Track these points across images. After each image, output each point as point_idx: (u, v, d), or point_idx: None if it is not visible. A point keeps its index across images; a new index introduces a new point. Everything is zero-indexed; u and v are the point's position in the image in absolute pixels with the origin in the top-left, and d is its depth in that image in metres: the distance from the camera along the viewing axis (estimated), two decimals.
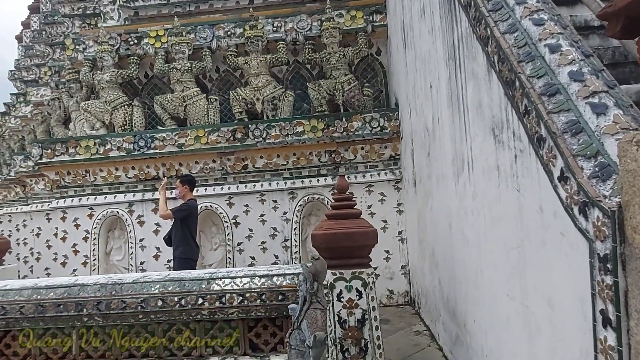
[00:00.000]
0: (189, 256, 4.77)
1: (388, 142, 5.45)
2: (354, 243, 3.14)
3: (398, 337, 4.13)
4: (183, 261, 4.71)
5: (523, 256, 1.93)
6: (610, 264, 1.29)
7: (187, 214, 4.76)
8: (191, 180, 5.02)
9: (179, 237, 4.75)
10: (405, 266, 5.34)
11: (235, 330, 3.35)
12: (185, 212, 4.76)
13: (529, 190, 1.84)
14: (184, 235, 4.75)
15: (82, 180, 5.79)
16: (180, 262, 4.73)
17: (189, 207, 4.79)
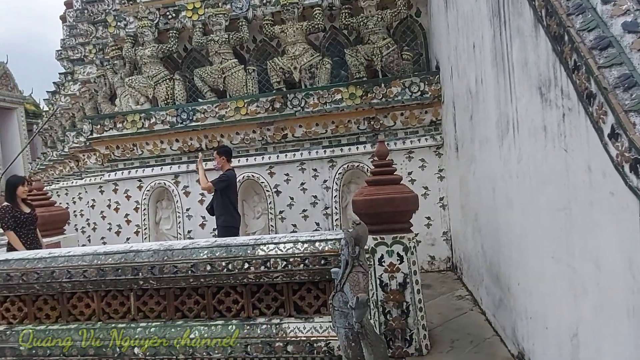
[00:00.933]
0: (231, 224, 4.93)
1: (429, 107, 5.33)
2: (395, 208, 3.15)
3: (440, 302, 4.17)
4: (225, 229, 4.87)
5: (570, 218, 1.88)
6: None
7: (226, 184, 4.89)
8: (228, 151, 5.12)
9: (220, 206, 4.90)
10: (446, 232, 5.30)
11: (280, 293, 3.50)
12: (225, 182, 4.89)
13: (577, 150, 1.78)
14: (225, 205, 4.90)
15: (130, 153, 6.06)
16: (223, 230, 4.89)
17: (227, 178, 4.92)
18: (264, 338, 3.35)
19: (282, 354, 3.30)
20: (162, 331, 3.55)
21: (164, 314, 3.67)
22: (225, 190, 4.90)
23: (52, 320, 3.81)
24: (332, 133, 5.57)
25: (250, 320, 3.48)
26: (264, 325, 3.41)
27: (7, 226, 4.65)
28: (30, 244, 4.77)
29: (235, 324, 3.46)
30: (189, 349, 3.44)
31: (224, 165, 5.02)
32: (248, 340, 3.37)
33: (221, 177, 4.94)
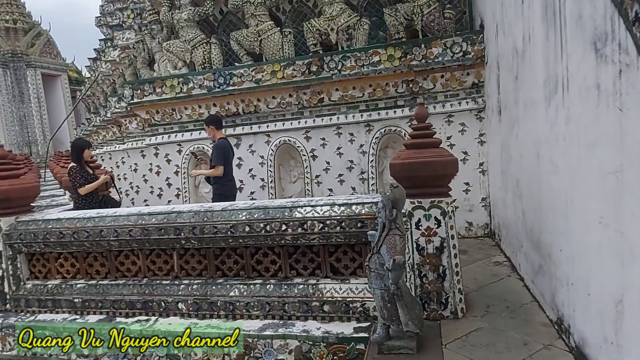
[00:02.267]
0: (222, 192, 4.87)
1: (470, 69, 5.12)
2: (433, 172, 3.10)
3: (476, 268, 4.13)
4: (218, 197, 4.83)
5: (621, 181, 1.79)
6: None
7: (224, 155, 4.83)
8: (215, 120, 5.05)
9: (213, 175, 4.90)
10: (485, 198, 5.19)
11: (316, 255, 3.56)
12: (221, 155, 4.83)
13: (634, 109, 1.67)
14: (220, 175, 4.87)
15: (169, 118, 6.19)
16: (216, 199, 4.84)
17: (220, 148, 4.86)
18: (301, 297, 3.45)
19: (319, 313, 3.40)
20: (203, 288, 3.71)
21: (205, 272, 3.83)
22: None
23: (102, 276, 4.06)
24: (369, 97, 5.47)
25: (288, 280, 3.58)
26: (301, 285, 3.50)
27: (79, 184, 4.94)
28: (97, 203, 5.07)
29: (273, 284, 3.58)
30: (229, 305, 3.60)
31: (215, 134, 4.99)
32: (286, 299, 3.48)
33: (215, 151, 4.88)
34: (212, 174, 4.94)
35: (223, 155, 4.87)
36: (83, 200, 4.98)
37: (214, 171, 4.89)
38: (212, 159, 4.95)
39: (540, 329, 2.83)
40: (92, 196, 5.01)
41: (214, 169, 4.90)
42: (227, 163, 4.97)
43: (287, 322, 3.44)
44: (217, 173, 4.88)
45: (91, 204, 4.98)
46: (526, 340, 2.71)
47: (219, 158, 4.85)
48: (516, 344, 2.68)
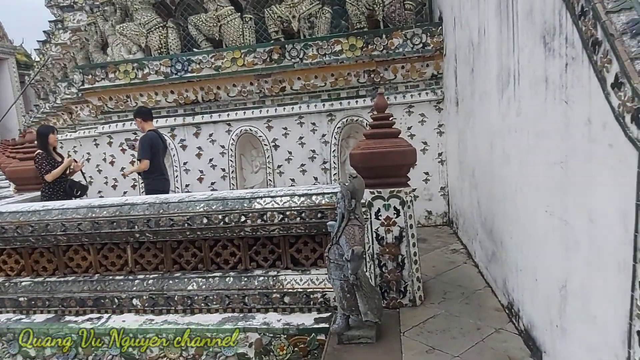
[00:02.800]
0: (154, 188, 4.66)
1: (430, 60, 5.18)
2: (392, 162, 3.12)
3: (434, 255, 4.23)
4: (149, 193, 4.64)
5: (566, 171, 1.86)
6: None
7: (149, 153, 4.63)
8: (142, 111, 4.87)
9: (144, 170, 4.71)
10: (444, 188, 5.31)
11: (277, 246, 3.54)
12: (147, 148, 4.63)
13: (578, 102, 1.72)
14: (150, 169, 4.69)
15: (124, 105, 5.95)
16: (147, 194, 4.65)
17: (146, 141, 4.66)
18: (262, 289, 3.42)
19: (280, 305, 3.39)
20: (159, 283, 3.62)
21: (162, 266, 3.73)
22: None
23: (49, 273, 3.88)
24: (331, 86, 5.45)
25: (248, 273, 3.54)
26: (261, 277, 3.47)
27: (45, 171, 4.74)
28: (63, 191, 4.84)
29: (233, 276, 3.53)
30: (187, 299, 3.52)
31: (143, 126, 4.81)
32: (246, 292, 3.44)
33: (141, 144, 4.66)
34: (140, 169, 4.71)
35: (150, 149, 4.64)
36: (50, 188, 4.78)
37: (140, 166, 4.66)
38: (138, 153, 4.72)
39: (492, 314, 2.93)
40: (59, 183, 4.82)
41: (138, 164, 4.67)
42: (156, 156, 4.72)
43: (247, 314, 3.41)
44: (142, 167, 4.65)
45: (58, 192, 4.79)
46: (479, 325, 2.80)
47: (144, 151, 4.63)
48: (470, 328, 2.76)
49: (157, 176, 4.76)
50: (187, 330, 3.31)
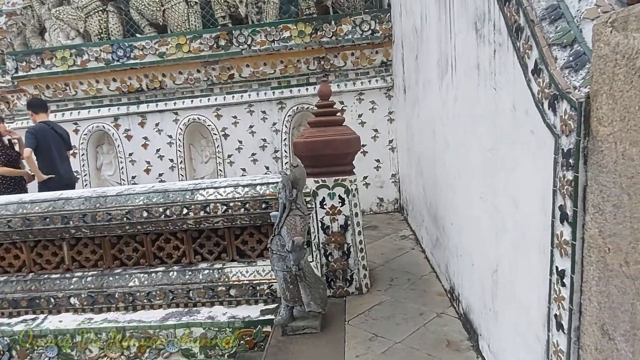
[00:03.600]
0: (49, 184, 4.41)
1: (379, 47, 5.17)
2: (335, 150, 3.08)
3: (384, 242, 4.26)
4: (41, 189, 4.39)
5: (496, 158, 1.87)
6: (573, 159, 1.23)
7: (34, 141, 4.38)
8: (33, 103, 4.64)
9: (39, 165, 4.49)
10: (395, 175, 5.35)
11: (222, 238, 3.44)
12: (31, 139, 4.36)
13: (505, 88, 1.73)
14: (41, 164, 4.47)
15: (62, 94, 5.62)
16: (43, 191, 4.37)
17: (32, 133, 4.40)
18: (206, 283, 3.33)
19: (225, 298, 3.31)
20: (99, 280, 3.45)
21: (101, 263, 3.55)
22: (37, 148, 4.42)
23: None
24: (281, 73, 5.34)
25: (192, 266, 3.43)
26: (206, 271, 3.37)
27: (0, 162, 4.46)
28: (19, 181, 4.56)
29: (177, 270, 3.42)
30: (128, 296, 3.38)
31: (34, 119, 4.58)
32: (190, 286, 3.34)
33: (26, 135, 4.40)
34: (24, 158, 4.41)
35: (35, 140, 4.36)
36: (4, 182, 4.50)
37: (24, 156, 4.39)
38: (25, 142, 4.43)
39: (435, 299, 2.98)
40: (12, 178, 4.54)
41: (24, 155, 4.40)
42: (46, 150, 4.44)
43: (192, 309, 3.31)
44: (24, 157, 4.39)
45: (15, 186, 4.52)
46: (422, 310, 2.84)
47: (28, 141, 4.34)
48: (413, 314, 2.79)
49: (49, 172, 4.45)
50: (128, 328, 3.19)
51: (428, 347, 2.39)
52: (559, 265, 1.35)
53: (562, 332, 1.35)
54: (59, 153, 4.50)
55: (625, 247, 1.05)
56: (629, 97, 1.00)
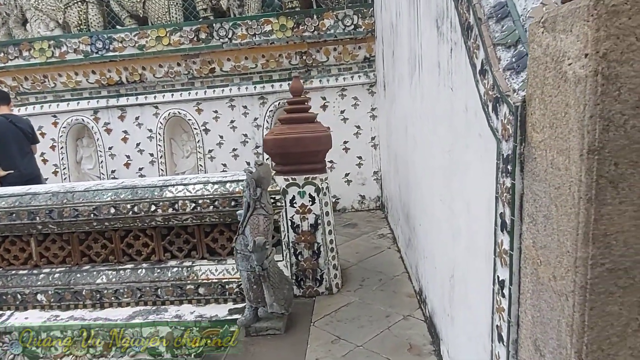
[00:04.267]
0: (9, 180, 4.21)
1: (362, 42, 5.09)
2: (305, 148, 3.02)
3: (361, 241, 4.21)
4: (5, 186, 4.14)
5: (452, 159, 1.82)
6: (510, 166, 1.17)
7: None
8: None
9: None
10: (377, 172, 5.30)
11: (191, 235, 3.39)
12: None
13: (459, 88, 1.67)
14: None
15: (41, 86, 5.52)
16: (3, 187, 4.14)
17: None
18: (175, 281, 3.27)
19: (194, 296, 3.26)
20: (66, 277, 3.39)
21: (69, 259, 3.49)
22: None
23: None
24: (262, 68, 5.26)
25: (162, 264, 3.37)
26: (175, 268, 3.32)
27: None
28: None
29: (146, 268, 3.36)
30: (96, 294, 3.33)
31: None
32: (158, 284, 3.28)
33: None
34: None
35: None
36: None
37: None
38: None
39: (404, 300, 2.93)
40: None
41: None
42: (4, 145, 4.23)
43: (160, 307, 3.26)
44: None
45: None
46: (389, 312, 2.79)
47: None
48: (379, 316, 2.75)
49: (6, 168, 4.24)
50: (94, 326, 3.13)
51: (389, 350, 2.35)
52: (500, 275, 1.30)
53: (502, 344, 1.30)
54: (18, 147, 4.35)
55: (553, 260, 0.99)
56: (557, 103, 0.94)
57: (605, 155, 0.83)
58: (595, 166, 0.84)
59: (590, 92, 0.82)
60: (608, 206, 0.85)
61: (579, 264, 0.88)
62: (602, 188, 0.84)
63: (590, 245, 0.87)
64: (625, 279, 0.87)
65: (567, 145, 0.90)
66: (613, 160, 0.83)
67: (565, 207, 0.92)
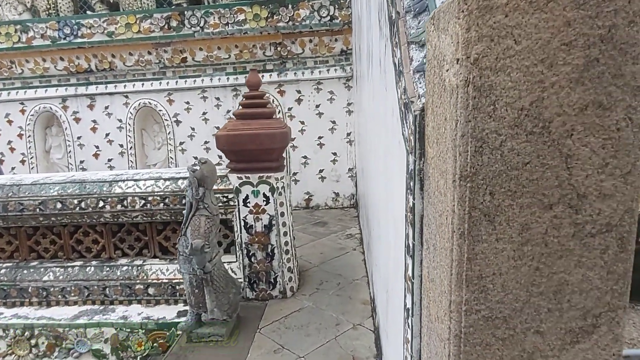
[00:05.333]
0: None
1: (339, 35, 4.92)
2: (260, 146, 2.87)
3: (327, 241, 4.08)
4: None
5: (387, 166, 1.68)
6: (412, 182, 1.03)
7: None
8: None
9: None
10: (352, 169, 5.15)
11: (143, 233, 3.25)
12: None
13: (390, 89, 1.52)
14: None
15: (8, 72, 5.33)
16: None
17: None
18: (124, 280, 3.14)
19: (143, 297, 3.13)
20: (13, 273, 3.25)
21: (17, 254, 3.35)
22: None
23: None
24: (236, 58, 5.08)
25: (112, 262, 3.24)
26: (125, 267, 3.18)
27: None
28: None
29: (95, 265, 3.22)
30: (42, 291, 3.19)
31: None
32: (107, 283, 3.15)
33: None
34: None
35: None
36: None
37: None
38: None
39: (358, 307, 2.81)
40: None
41: None
42: None
43: (108, 307, 3.13)
44: None
45: None
46: (340, 320, 2.67)
47: None
48: (329, 324, 2.62)
49: None
50: (37, 325, 3.00)
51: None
52: (407, 302, 1.16)
53: None
54: None
55: (436, 298, 0.86)
56: (440, 114, 0.80)
57: (478, 182, 0.69)
58: (467, 195, 0.70)
59: (461, 106, 0.68)
60: (483, 243, 0.71)
61: (453, 309, 0.75)
62: (475, 222, 0.70)
63: (463, 289, 0.73)
64: (504, 330, 0.74)
65: (445, 167, 0.76)
66: (488, 188, 0.69)
67: (443, 240, 0.79)
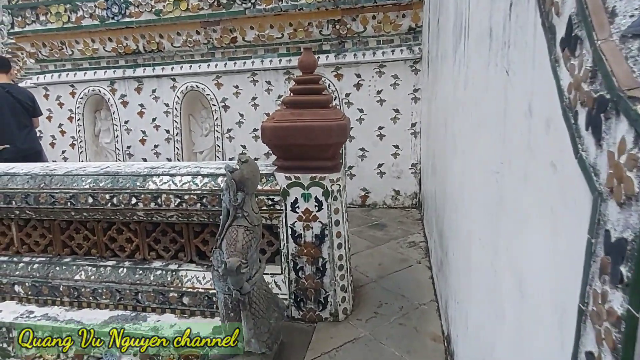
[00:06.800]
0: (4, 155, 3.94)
1: (407, 10, 4.29)
2: (313, 141, 2.38)
3: (387, 249, 3.55)
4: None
5: (502, 187, 1.13)
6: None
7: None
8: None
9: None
10: (415, 164, 4.56)
11: (179, 234, 2.89)
12: None
13: (519, 72, 0.97)
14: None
15: (59, 53, 5.18)
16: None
17: None
18: (157, 286, 2.80)
19: (177, 306, 2.78)
20: (45, 269, 3.01)
21: (51, 248, 3.11)
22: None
23: None
24: (289, 38, 4.60)
25: (145, 264, 2.91)
26: (159, 271, 2.84)
27: None
28: None
29: (127, 267, 2.91)
30: (74, 291, 2.93)
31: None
32: (139, 288, 2.82)
33: None
34: None
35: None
36: None
37: None
38: None
39: (427, 345, 2.28)
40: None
41: None
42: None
43: (140, 314, 2.81)
44: None
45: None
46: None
47: None
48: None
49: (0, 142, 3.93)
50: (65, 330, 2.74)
51: None
52: None
53: None
54: (16, 120, 4.04)
55: None
56: None
57: None
58: None
59: None
60: None
61: None
62: None
63: None
64: None
65: None
66: None
67: None
